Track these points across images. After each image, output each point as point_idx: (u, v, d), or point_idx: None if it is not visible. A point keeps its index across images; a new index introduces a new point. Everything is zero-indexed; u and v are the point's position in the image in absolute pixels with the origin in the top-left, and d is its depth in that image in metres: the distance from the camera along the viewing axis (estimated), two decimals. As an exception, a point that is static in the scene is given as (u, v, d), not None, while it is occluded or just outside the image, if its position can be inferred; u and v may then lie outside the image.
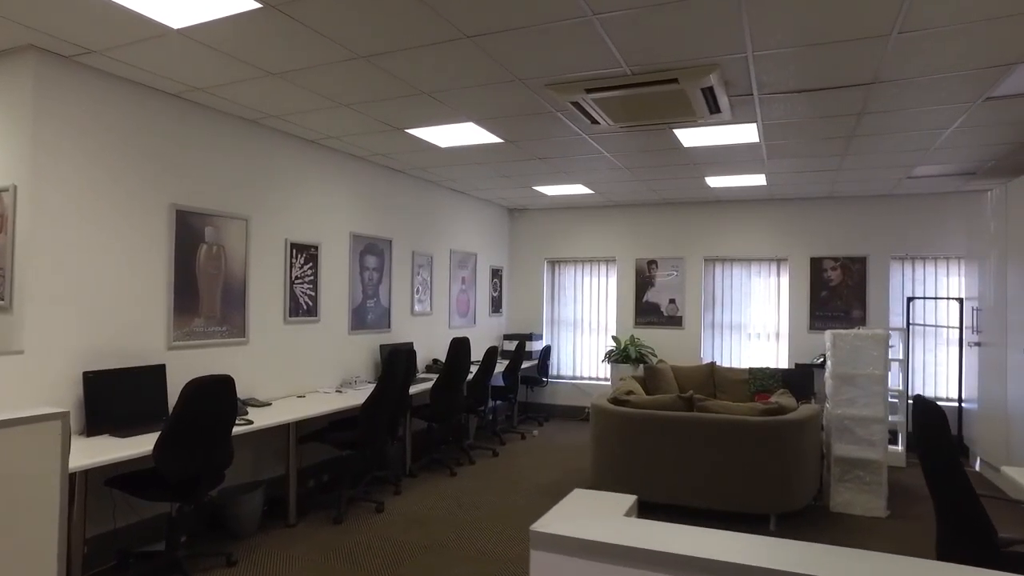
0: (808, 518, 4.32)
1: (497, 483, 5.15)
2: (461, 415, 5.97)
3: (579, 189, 6.95)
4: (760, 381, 6.18)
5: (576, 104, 3.79)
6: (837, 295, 7.04)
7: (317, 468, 4.98)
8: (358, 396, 4.75)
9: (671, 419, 4.36)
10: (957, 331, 6.42)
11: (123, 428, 3.32)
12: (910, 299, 6.60)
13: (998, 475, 5.31)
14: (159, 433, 2.99)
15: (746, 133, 4.50)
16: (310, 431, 4.31)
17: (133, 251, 3.61)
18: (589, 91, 3.54)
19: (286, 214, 4.73)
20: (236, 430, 3.41)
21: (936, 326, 6.65)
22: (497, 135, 4.69)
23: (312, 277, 4.98)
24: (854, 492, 4.47)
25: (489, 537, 3.96)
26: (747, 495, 4.16)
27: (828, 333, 4.67)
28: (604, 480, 4.62)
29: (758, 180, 6.20)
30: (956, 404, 6.41)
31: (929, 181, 6.11)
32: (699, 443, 4.27)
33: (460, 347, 5.37)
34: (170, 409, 3.65)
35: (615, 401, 4.71)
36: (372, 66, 3.32)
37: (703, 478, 4.25)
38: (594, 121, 4.13)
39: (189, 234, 3.93)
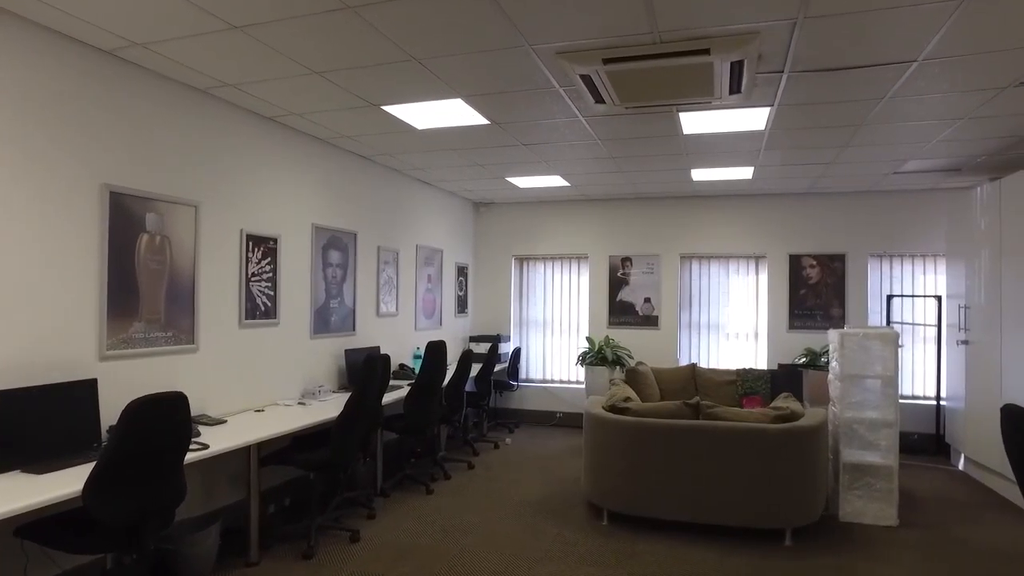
0: (821, 530, 4.04)
1: (480, 500, 4.66)
2: (436, 426, 5.45)
3: (555, 181, 6.53)
4: (748, 383, 5.93)
5: (586, 78, 3.36)
6: (816, 293, 6.90)
7: (277, 491, 4.37)
8: (324, 408, 4.18)
9: (677, 428, 3.99)
10: (935, 329, 6.37)
11: (40, 462, 2.65)
12: (890, 297, 6.52)
13: (985, 474, 5.23)
14: (91, 467, 2.36)
15: (755, 119, 4.19)
16: (272, 451, 3.72)
17: (54, 240, 2.94)
18: (607, 61, 3.12)
19: (241, 201, 4.10)
20: (189, 456, 2.81)
21: (915, 324, 6.60)
22: (484, 115, 4.20)
23: (271, 274, 4.36)
24: (865, 500, 4.23)
25: (486, 569, 3.47)
26: (761, 509, 3.84)
27: (834, 332, 4.42)
28: (602, 496, 4.22)
29: (745, 174, 5.95)
30: (934, 402, 6.37)
31: (910, 177, 6.01)
32: (708, 454, 3.92)
33: (436, 351, 4.87)
34: (104, 434, 3.00)
35: (613, 409, 4.32)
36: (360, 20, 2.78)
37: (713, 492, 3.90)
38: (599, 100, 3.71)
39: (126, 221, 3.27)
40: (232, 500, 3.96)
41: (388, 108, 4.07)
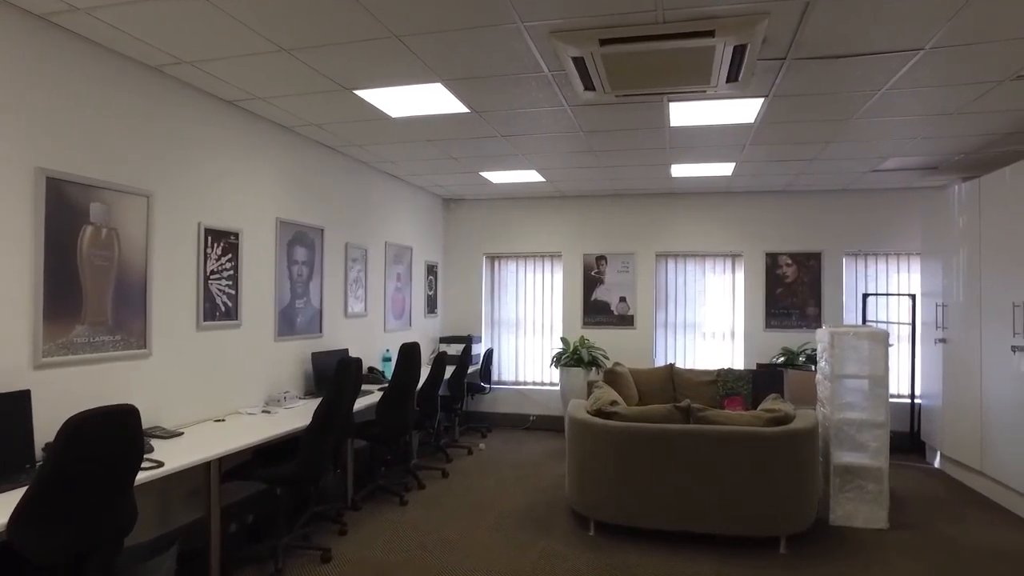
0: (814, 537, 3.91)
1: (459, 512, 4.40)
2: (410, 432, 5.16)
3: (530, 176, 6.31)
4: (729, 384, 5.82)
5: (578, 61, 3.14)
6: (792, 292, 6.86)
7: (239, 507, 4.01)
8: (290, 417, 3.86)
9: (670, 433, 3.81)
10: (909, 327, 6.39)
11: (-35, 486, 2.29)
12: (865, 295, 6.51)
13: (962, 471, 5.23)
14: (22, 493, 2.03)
15: (745, 111, 4.05)
16: (234, 465, 3.39)
17: (-19, 232, 2.57)
18: (604, 43, 2.90)
19: (199, 192, 3.74)
20: (141, 476, 2.48)
21: (889, 323, 6.61)
22: (464, 102, 3.95)
23: (232, 271, 4.01)
24: (856, 503, 4.13)
25: (471, 589, 3.23)
26: (757, 516, 3.69)
27: (824, 332, 4.32)
28: (589, 505, 4.01)
29: (725, 170, 5.84)
30: (908, 400, 6.39)
31: (885, 176, 6.00)
32: (701, 460, 3.75)
33: (411, 354, 4.59)
34: (39, 454, 2.64)
35: (599, 413, 4.11)
36: (336, -12, 2.50)
37: (706, 499, 3.73)
38: (589, 87, 3.49)
39: (67, 211, 2.90)
40: (190, 519, 3.61)
41: (361, 93, 3.78)
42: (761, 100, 3.82)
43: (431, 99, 3.88)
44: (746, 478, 3.69)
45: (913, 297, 6.33)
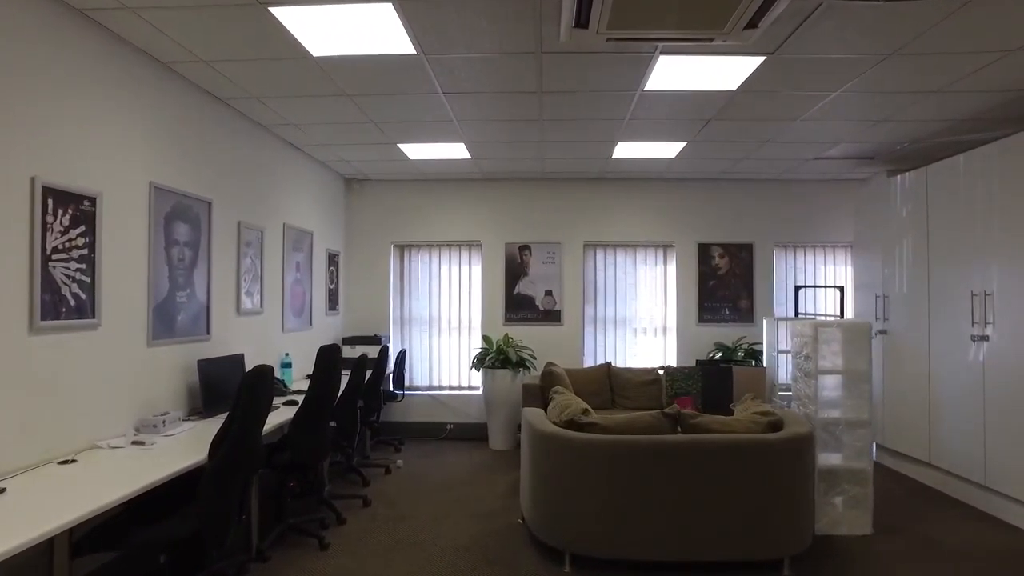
0: (814, 553, 3.50)
1: (395, 553, 3.54)
2: (328, 455, 4.20)
3: (455, 152, 5.54)
4: (677, 383, 5.41)
5: (587, -21, 2.45)
6: (725, 284, 6.63)
7: (96, 579, 2.90)
8: (172, 450, 2.83)
9: (661, 445, 3.22)
10: (837, 319, 6.37)
11: None
12: (798, 287, 6.40)
13: (900, 462, 5.19)
14: None
15: (734, 75, 3.58)
16: (93, 528, 2.33)
17: None
18: (634, -52, 2.24)
19: (33, 134, 2.59)
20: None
21: (818, 315, 6.56)
22: (414, 38, 3.11)
23: (86, 251, 2.87)
24: (841, 509, 3.81)
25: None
26: (761, 536, 3.19)
27: (808, 324, 3.96)
28: (563, 536, 3.33)
29: (670, 151, 5.42)
30: (835, 393, 6.36)
31: (817, 165, 5.90)
32: (698, 474, 3.19)
33: (330, 359, 3.68)
34: None
35: (572, 425, 3.45)
36: None
37: (704, 521, 3.18)
38: (581, 23, 2.80)
39: None
40: (19, 609, 2.47)
41: (279, 12, 2.83)
42: (761, 60, 3.34)
43: (373, 28, 3.01)
44: (749, 493, 3.18)
45: (841, 289, 6.30)
